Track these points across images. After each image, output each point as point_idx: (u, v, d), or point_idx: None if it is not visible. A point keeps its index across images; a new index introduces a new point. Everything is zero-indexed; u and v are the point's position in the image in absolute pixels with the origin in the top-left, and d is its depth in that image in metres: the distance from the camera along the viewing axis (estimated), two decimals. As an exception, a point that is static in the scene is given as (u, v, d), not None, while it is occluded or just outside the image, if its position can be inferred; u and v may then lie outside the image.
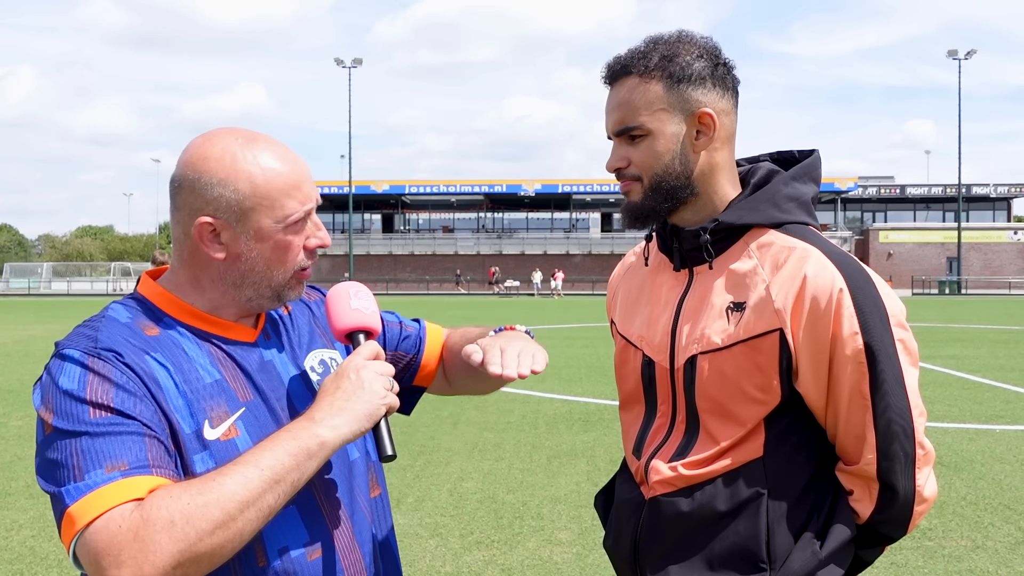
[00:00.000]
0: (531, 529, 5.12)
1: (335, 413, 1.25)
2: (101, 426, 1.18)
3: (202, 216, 1.30)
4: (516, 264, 60.95)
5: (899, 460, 1.46)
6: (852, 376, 1.44)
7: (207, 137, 1.33)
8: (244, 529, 1.16)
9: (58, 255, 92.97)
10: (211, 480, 1.16)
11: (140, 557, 1.10)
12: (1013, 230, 62.58)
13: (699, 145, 1.52)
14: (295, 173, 1.33)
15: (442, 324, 1.84)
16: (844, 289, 1.43)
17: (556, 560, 4.60)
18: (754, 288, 1.48)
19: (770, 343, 1.46)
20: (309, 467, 1.22)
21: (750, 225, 1.52)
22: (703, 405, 1.52)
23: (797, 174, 1.57)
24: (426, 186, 64.67)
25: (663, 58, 1.50)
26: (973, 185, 64.07)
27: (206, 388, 1.29)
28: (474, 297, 50.59)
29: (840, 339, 1.43)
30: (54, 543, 4.89)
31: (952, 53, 55.23)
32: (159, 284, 1.39)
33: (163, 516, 1.11)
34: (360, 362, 1.31)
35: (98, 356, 1.23)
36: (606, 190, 63.18)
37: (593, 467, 6.64)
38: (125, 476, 1.15)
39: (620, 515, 1.66)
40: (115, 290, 59.48)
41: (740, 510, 1.49)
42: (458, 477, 6.29)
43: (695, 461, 1.52)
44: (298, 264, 1.37)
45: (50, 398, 1.21)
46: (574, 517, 5.34)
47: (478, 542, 4.88)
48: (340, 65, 58.34)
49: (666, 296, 1.61)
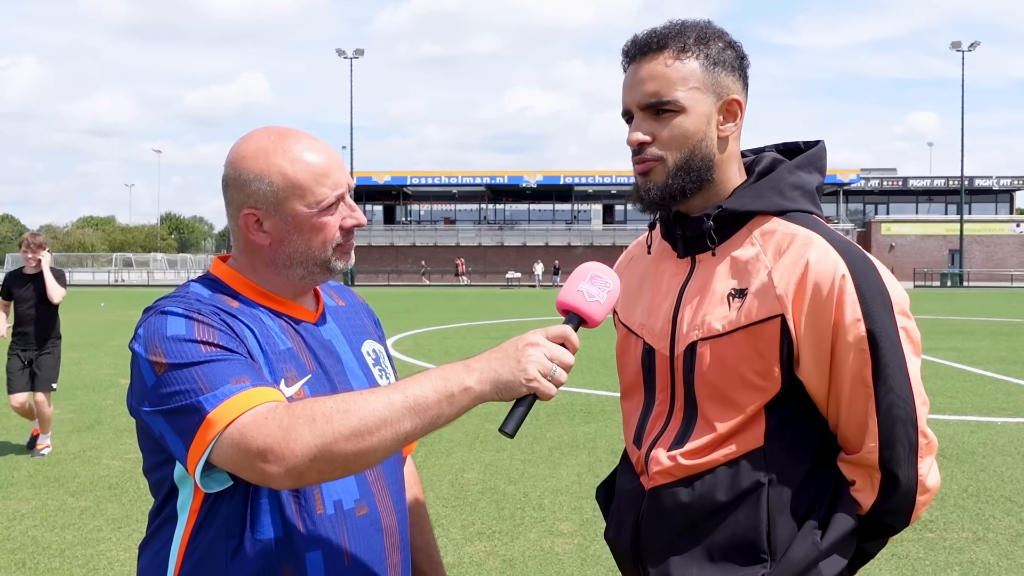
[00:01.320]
0: (532, 520, 5.12)
1: (487, 370, 1.28)
2: (214, 356, 1.30)
3: (246, 208, 1.44)
4: (518, 256, 60.91)
5: (901, 448, 1.44)
6: (854, 363, 1.42)
7: (245, 138, 1.47)
8: (379, 447, 1.23)
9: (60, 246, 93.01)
10: (357, 394, 1.26)
11: (283, 444, 1.20)
12: (1015, 223, 62.45)
13: (724, 131, 1.51)
14: (324, 162, 1.44)
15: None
16: (847, 275, 1.42)
17: (557, 551, 4.61)
18: (756, 274, 1.47)
19: (771, 329, 1.44)
20: (450, 409, 1.26)
21: (754, 212, 1.51)
22: (702, 392, 1.51)
23: (802, 163, 1.56)
24: (428, 177, 64.55)
25: (699, 38, 1.48)
26: (976, 177, 63.96)
27: (281, 353, 1.42)
28: (475, 289, 50.56)
29: (842, 325, 1.41)
30: (56, 532, 4.91)
31: (955, 45, 55.02)
32: (229, 267, 1.51)
33: (306, 412, 1.22)
34: (536, 338, 1.32)
35: (198, 311, 1.36)
36: (608, 182, 63.11)
37: (594, 458, 6.64)
38: (254, 386, 1.28)
39: (621, 506, 1.65)
40: (117, 280, 59.52)
41: (741, 500, 1.47)
42: (459, 468, 6.30)
43: (694, 449, 1.50)
44: (336, 241, 1.47)
45: (158, 344, 1.31)
46: (575, 508, 5.34)
47: (479, 533, 4.89)
48: (342, 56, 58.17)
49: (668, 284, 1.60)
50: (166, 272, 67.57)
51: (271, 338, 1.42)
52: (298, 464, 1.20)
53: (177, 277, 64.55)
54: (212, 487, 1.32)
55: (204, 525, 1.36)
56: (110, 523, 5.08)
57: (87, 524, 5.07)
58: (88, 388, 10.18)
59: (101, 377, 11.09)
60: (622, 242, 60.97)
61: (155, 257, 71.79)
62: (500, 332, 18.15)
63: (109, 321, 21.15)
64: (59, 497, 5.64)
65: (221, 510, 1.35)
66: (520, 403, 1.30)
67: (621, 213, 68.13)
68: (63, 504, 5.48)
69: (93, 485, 5.91)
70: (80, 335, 17.11)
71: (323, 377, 1.45)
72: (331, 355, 1.50)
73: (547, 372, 1.30)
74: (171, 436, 1.28)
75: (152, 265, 67.78)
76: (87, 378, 11.00)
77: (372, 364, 1.59)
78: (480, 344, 15.35)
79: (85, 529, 4.98)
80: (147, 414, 1.31)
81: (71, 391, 9.90)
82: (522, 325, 20.17)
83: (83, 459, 6.67)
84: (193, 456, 1.25)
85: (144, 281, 59.68)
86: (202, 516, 1.36)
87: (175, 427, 1.27)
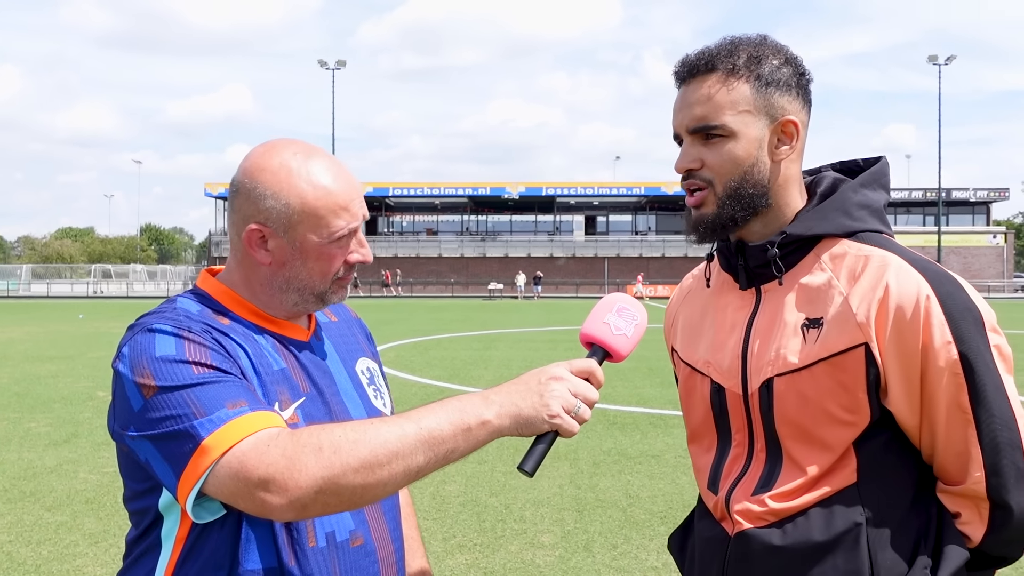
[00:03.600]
0: (513, 532, 5.11)
1: (507, 404, 1.22)
2: (207, 378, 1.23)
3: (253, 223, 1.36)
4: (500, 267, 60.91)
5: (1010, 475, 1.34)
6: (948, 389, 1.34)
7: (268, 147, 1.39)
8: (388, 480, 1.17)
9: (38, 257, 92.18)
10: (367, 423, 1.20)
11: (287, 474, 1.14)
12: (992, 234, 63.23)
13: (779, 154, 1.43)
14: (345, 192, 1.38)
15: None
16: (931, 296, 1.33)
17: (539, 563, 4.60)
18: (831, 302, 1.39)
19: (854, 359, 1.35)
20: (465, 444, 1.21)
21: (820, 236, 1.44)
22: (784, 431, 1.41)
23: (866, 181, 1.48)
24: (410, 188, 64.56)
25: (751, 58, 1.41)
26: (953, 189, 64.64)
27: (274, 374, 1.36)
28: (457, 300, 50.53)
29: (932, 350, 1.33)
30: (32, 547, 4.85)
31: (932, 59, 55.73)
32: (220, 281, 1.44)
33: (312, 441, 1.16)
34: (560, 371, 1.26)
35: (188, 329, 1.29)
36: (590, 193, 63.36)
37: (576, 470, 6.64)
38: (252, 410, 1.21)
39: (703, 554, 1.54)
40: (95, 292, 58.99)
41: (838, 542, 1.38)
42: (441, 480, 6.27)
43: (783, 493, 1.41)
44: (338, 274, 1.42)
45: (146, 364, 1.24)
46: (557, 520, 5.34)
47: (460, 545, 4.87)
48: (324, 67, 58.16)
49: (732, 317, 1.51)
50: (146, 284, 67.04)
51: (264, 358, 1.35)
52: (302, 496, 1.14)
53: (157, 289, 64.07)
54: (204, 517, 1.25)
55: (191, 556, 1.29)
56: (87, 538, 5.02)
57: (63, 539, 5.01)
58: (65, 401, 10.06)
59: (78, 390, 10.97)
60: (604, 253, 61.17)
61: (135, 269, 71.28)
62: (482, 343, 18.14)
63: (87, 333, 20.96)
64: (35, 512, 5.57)
65: (209, 540, 1.28)
66: (540, 440, 1.25)
67: (603, 224, 68.27)
68: (39, 519, 5.41)
69: (70, 499, 5.84)
70: (58, 347, 16.94)
71: (317, 399, 1.39)
72: (325, 375, 1.44)
73: (571, 409, 1.23)
74: (159, 463, 1.21)
75: (132, 277, 67.19)
76: (64, 391, 10.88)
77: (366, 383, 1.53)
78: (461, 355, 15.33)
79: (61, 544, 4.92)
80: (132, 439, 1.23)
81: (48, 404, 9.80)
82: (504, 337, 20.17)
83: (60, 473, 6.59)
84: (185, 485, 1.18)
85: (123, 293, 59.16)
86: (188, 546, 1.29)
87: (164, 454, 1.20)
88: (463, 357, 15.10)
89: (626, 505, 5.71)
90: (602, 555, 4.75)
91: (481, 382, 11.68)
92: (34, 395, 10.52)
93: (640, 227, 67.53)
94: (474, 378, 12.10)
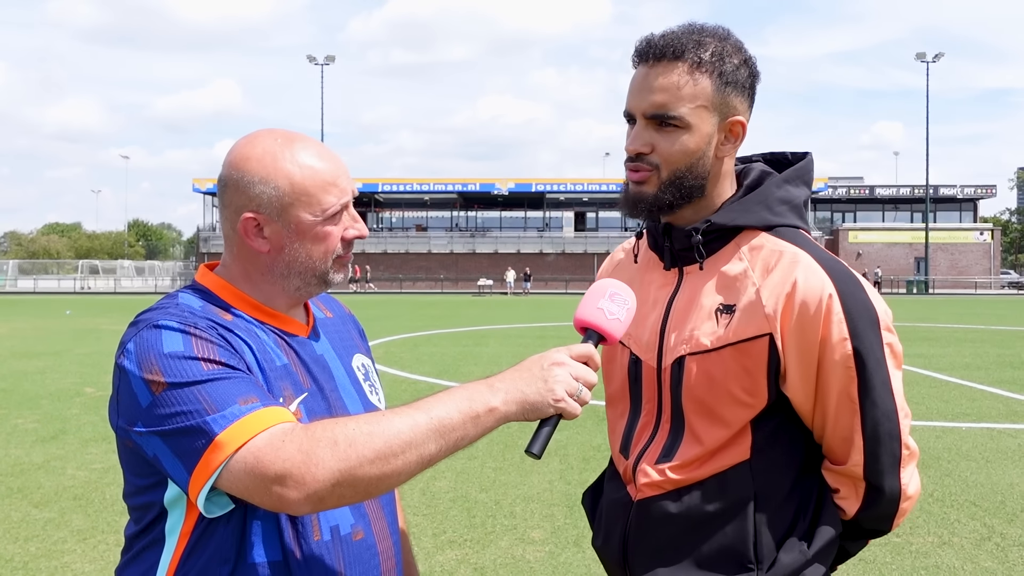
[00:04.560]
0: (504, 528, 5.12)
1: (512, 390, 1.26)
2: (217, 375, 1.24)
3: (246, 212, 1.37)
4: (490, 263, 60.89)
5: (886, 461, 1.47)
6: (841, 380, 1.44)
7: (249, 139, 1.41)
8: (402, 470, 1.20)
9: (24, 253, 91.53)
10: (379, 415, 1.23)
11: (303, 468, 1.16)
12: (979, 231, 63.55)
13: (723, 151, 1.51)
14: (331, 169, 1.40)
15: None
16: (833, 294, 1.43)
17: (529, 559, 4.60)
18: (744, 291, 1.48)
19: (759, 347, 1.45)
20: (474, 430, 1.24)
21: (742, 227, 1.51)
22: (689, 406, 1.51)
23: (790, 177, 1.56)
24: (399, 184, 64.38)
25: (715, 55, 1.46)
26: (940, 186, 65.01)
27: (277, 369, 1.37)
28: (449, 296, 50.48)
29: (829, 344, 1.43)
30: (19, 544, 4.82)
31: (921, 57, 56.04)
32: (218, 276, 1.45)
33: (327, 435, 1.18)
34: (561, 357, 1.30)
35: (194, 325, 1.29)
36: (579, 189, 63.33)
37: (566, 466, 6.64)
38: (264, 406, 1.22)
39: (609, 515, 1.66)
40: (83, 288, 58.67)
41: (728, 512, 1.49)
42: (430, 476, 6.26)
43: (682, 464, 1.51)
44: (336, 252, 1.43)
45: (154, 361, 1.24)
46: (547, 516, 5.34)
47: (450, 541, 4.87)
48: (313, 62, 57.95)
49: (655, 295, 1.60)
50: (133, 280, 66.70)
51: (267, 353, 1.37)
52: (319, 489, 1.16)
53: (145, 285, 63.76)
54: (213, 511, 1.26)
55: (196, 549, 1.29)
56: (75, 535, 5.00)
57: (51, 536, 4.98)
58: (53, 397, 10.00)
59: (66, 386, 10.91)
60: (593, 249, 61.19)
61: (122, 264, 70.78)
62: (471, 339, 18.13)
63: (75, 329, 20.83)
64: (22, 508, 5.53)
65: (215, 534, 1.29)
66: (545, 423, 1.29)
67: (593, 220, 68.34)
68: (26, 515, 5.38)
69: (58, 496, 5.81)
70: (45, 343, 16.83)
71: (318, 395, 1.41)
72: (324, 371, 1.45)
73: (573, 392, 1.28)
74: (170, 459, 1.22)
75: (119, 272, 66.80)
76: (52, 387, 10.82)
77: (362, 379, 1.55)
78: (451, 351, 15.33)
79: (49, 541, 4.89)
80: (140, 435, 1.24)
81: (35, 400, 9.74)
82: (493, 333, 20.17)
83: (47, 469, 6.55)
84: (197, 480, 1.19)
85: (111, 289, 58.87)
86: (194, 540, 1.30)
87: (175, 449, 1.20)
88: (453, 353, 15.09)
89: (616, 501, 5.71)
90: (592, 551, 4.74)
91: (471, 378, 11.60)
92: (21, 391, 10.45)
93: (630, 223, 67.16)
94: (464, 374, 12.09)
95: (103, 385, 10.95)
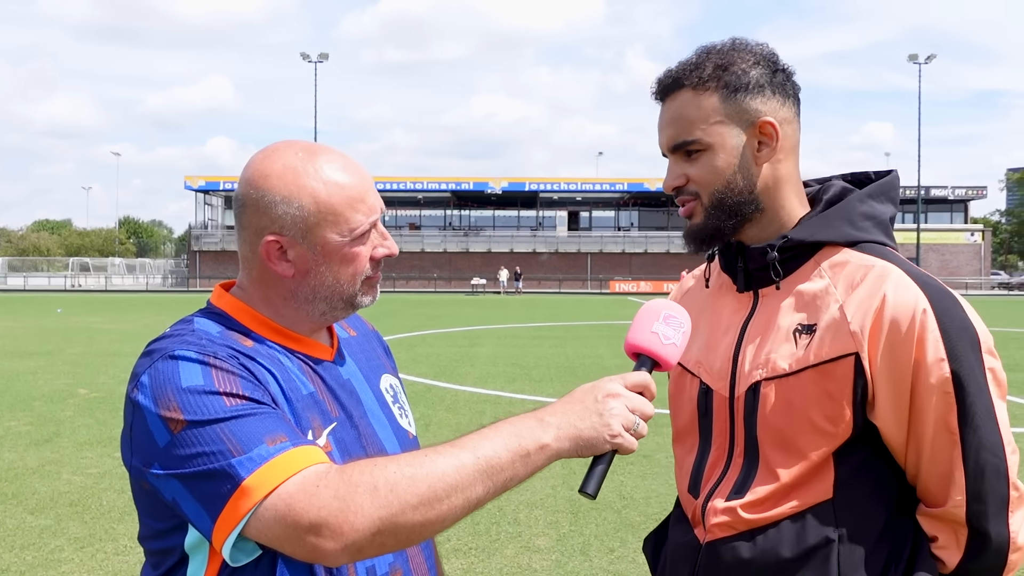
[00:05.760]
0: (508, 536, 5.05)
1: (564, 425, 1.17)
2: (241, 411, 1.14)
3: (268, 235, 1.27)
4: (483, 262, 60.83)
5: (991, 503, 1.31)
6: (937, 407, 1.31)
7: (267, 153, 1.31)
8: (447, 515, 1.11)
9: (14, 250, 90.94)
10: (422, 455, 1.12)
11: (341, 517, 1.07)
12: (970, 232, 63.86)
13: (762, 157, 1.42)
14: (359, 185, 1.30)
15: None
16: (928, 310, 1.31)
17: (535, 567, 4.54)
18: (826, 308, 1.37)
19: (843, 368, 1.33)
20: (524, 470, 1.15)
21: (822, 243, 1.42)
22: (765, 437, 1.40)
23: (874, 192, 1.47)
24: (392, 183, 64.16)
25: (717, 68, 1.41)
26: (931, 187, 65.21)
27: (304, 399, 1.27)
28: (443, 295, 50.40)
29: (924, 366, 1.30)
30: (15, 552, 4.73)
31: (912, 58, 56.06)
32: (235, 297, 1.35)
33: (366, 480, 1.08)
34: (616, 388, 1.21)
35: (214, 355, 1.19)
36: (572, 188, 63.30)
37: (568, 470, 6.58)
38: (295, 446, 1.12)
39: (674, 560, 1.54)
40: (73, 286, 58.38)
41: (808, 557, 1.35)
42: (432, 481, 6.20)
43: (755, 501, 1.39)
44: (365, 273, 1.33)
45: (172, 396, 1.14)
46: (551, 523, 5.28)
47: (455, 550, 4.81)
48: (306, 60, 57.70)
49: (728, 319, 1.50)
50: (124, 277, 66.32)
51: (292, 382, 1.27)
52: (358, 539, 1.07)
53: (136, 282, 63.40)
54: (240, 560, 1.16)
55: None
56: (72, 543, 4.91)
57: (48, 544, 4.89)
58: (46, 399, 9.89)
59: (59, 387, 10.79)
60: (587, 249, 61.23)
61: (113, 262, 70.41)
62: (467, 340, 18.06)
63: (66, 328, 20.64)
64: (17, 515, 5.44)
65: None
66: (600, 460, 1.20)
67: (586, 220, 68.35)
68: (22, 522, 5.29)
69: (53, 502, 5.71)
70: (36, 343, 16.70)
71: (347, 423, 1.31)
72: (352, 396, 1.36)
73: (630, 426, 1.19)
74: (190, 504, 1.12)
75: (110, 270, 66.47)
76: (44, 388, 10.70)
77: (391, 402, 1.46)
78: (447, 352, 15.26)
79: (46, 549, 4.80)
80: (157, 478, 1.14)
81: (27, 402, 9.62)
82: (488, 333, 20.11)
83: (42, 474, 6.45)
84: (223, 528, 1.10)
85: (102, 286, 58.60)
86: None
87: (197, 494, 1.11)
88: (448, 354, 15.02)
89: (620, 507, 5.67)
90: (599, 559, 4.70)
91: (468, 379, 11.61)
92: (13, 392, 10.33)
93: (623, 223, 67.66)
94: (461, 375, 12.03)
95: (96, 386, 10.85)
